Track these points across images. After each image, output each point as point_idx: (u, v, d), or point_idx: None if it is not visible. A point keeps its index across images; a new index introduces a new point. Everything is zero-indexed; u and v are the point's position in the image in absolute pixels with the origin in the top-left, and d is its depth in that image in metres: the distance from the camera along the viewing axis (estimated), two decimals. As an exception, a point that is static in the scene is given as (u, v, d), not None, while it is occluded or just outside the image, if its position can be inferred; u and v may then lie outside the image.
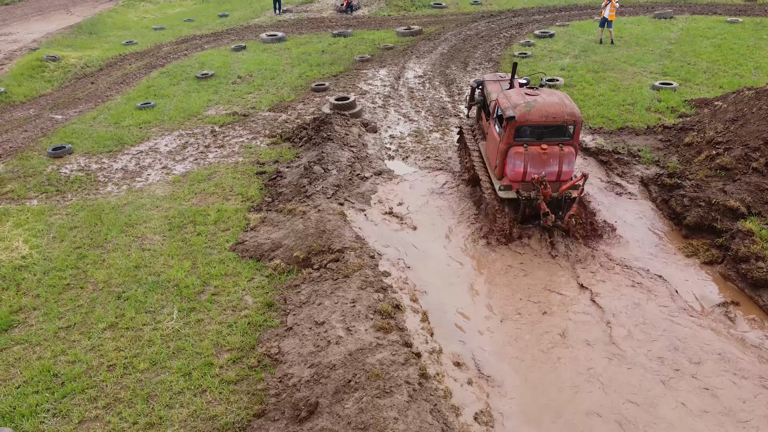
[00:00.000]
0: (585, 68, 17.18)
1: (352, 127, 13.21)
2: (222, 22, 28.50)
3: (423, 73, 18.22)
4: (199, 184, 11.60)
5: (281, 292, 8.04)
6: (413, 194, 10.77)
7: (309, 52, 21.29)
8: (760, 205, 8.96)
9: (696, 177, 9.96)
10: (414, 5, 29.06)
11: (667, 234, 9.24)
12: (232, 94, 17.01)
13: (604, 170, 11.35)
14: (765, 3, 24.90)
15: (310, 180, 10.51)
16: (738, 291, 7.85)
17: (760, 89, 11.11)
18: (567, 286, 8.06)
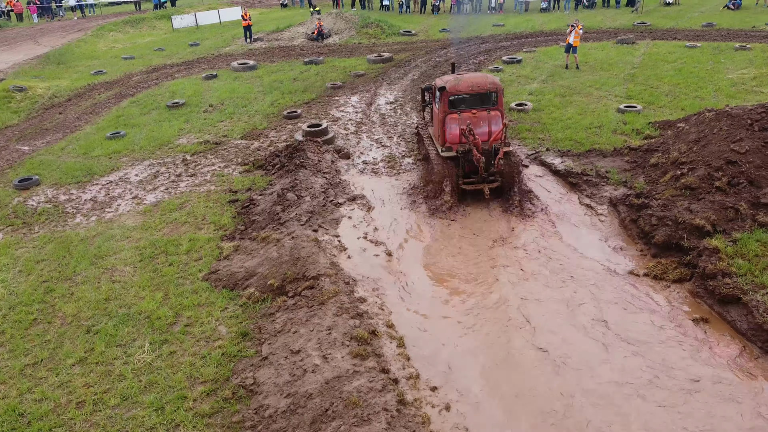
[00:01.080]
0: (552, 92, 17.57)
1: (325, 153, 13.25)
2: (193, 51, 28.54)
3: (394, 99, 18.43)
4: (171, 214, 11.47)
5: (256, 321, 7.94)
6: (386, 217, 10.82)
7: (281, 80, 21.40)
8: (725, 223, 9.19)
9: (663, 196, 10.19)
10: (384, 33, 29.50)
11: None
12: (203, 123, 16.96)
13: (575, 192, 11.55)
14: (722, 28, 25.86)
15: (283, 207, 10.48)
16: (707, 308, 7.99)
17: (719, 111, 11.47)
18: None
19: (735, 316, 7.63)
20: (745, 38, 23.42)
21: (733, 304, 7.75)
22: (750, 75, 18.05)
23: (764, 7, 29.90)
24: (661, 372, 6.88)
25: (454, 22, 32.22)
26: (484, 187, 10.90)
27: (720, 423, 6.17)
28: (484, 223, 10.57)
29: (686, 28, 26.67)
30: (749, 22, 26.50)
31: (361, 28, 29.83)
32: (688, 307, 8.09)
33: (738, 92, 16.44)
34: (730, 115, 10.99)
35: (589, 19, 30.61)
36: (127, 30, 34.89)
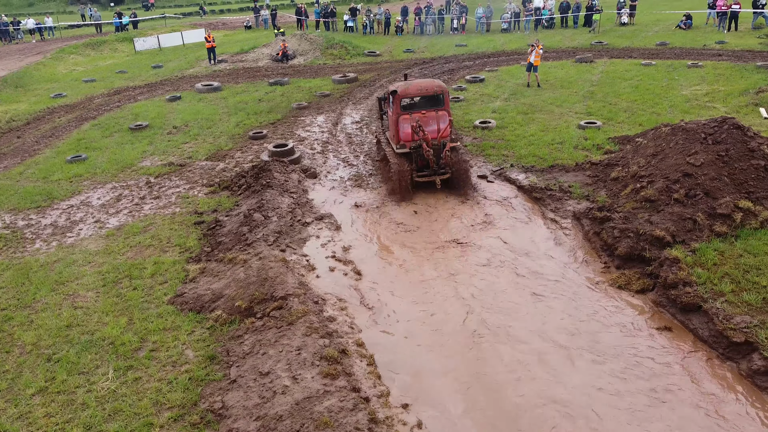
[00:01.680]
0: (515, 110, 17.91)
1: (292, 173, 13.23)
2: (156, 73, 28.27)
3: (360, 119, 18.53)
4: (135, 237, 11.26)
5: (224, 344, 7.82)
6: (354, 235, 10.83)
7: (246, 101, 21.35)
8: (684, 234, 9.45)
9: (624, 209, 10.44)
10: (349, 54, 29.72)
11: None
12: (167, 145, 16.77)
13: (539, 206, 11.75)
14: (675, 47, 26.80)
15: (250, 228, 10.40)
16: (669, 316, 8.18)
17: (675, 126, 11.84)
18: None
19: (696, 324, 7.82)
20: (697, 56, 24.32)
21: (695, 312, 7.95)
22: (703, 91, 18.72)
23: (713, 27, 31.09)
24: (628, 380, 6.99)
25: (418, 43, 32.65)
26: (436, 178, 12.26)
27: (683, 425, 6.29)
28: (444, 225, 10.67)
29: (641, 47, 27.55)
30: (700, 41, 27.53)
31: (325, 49, 30.00)
32: (652, 317, 8.26)
33: (692, 108, 17.02)
34: (685, 130, 11.35)
35: (548, 39, 31.38)
36: (88, 53, 34.40)
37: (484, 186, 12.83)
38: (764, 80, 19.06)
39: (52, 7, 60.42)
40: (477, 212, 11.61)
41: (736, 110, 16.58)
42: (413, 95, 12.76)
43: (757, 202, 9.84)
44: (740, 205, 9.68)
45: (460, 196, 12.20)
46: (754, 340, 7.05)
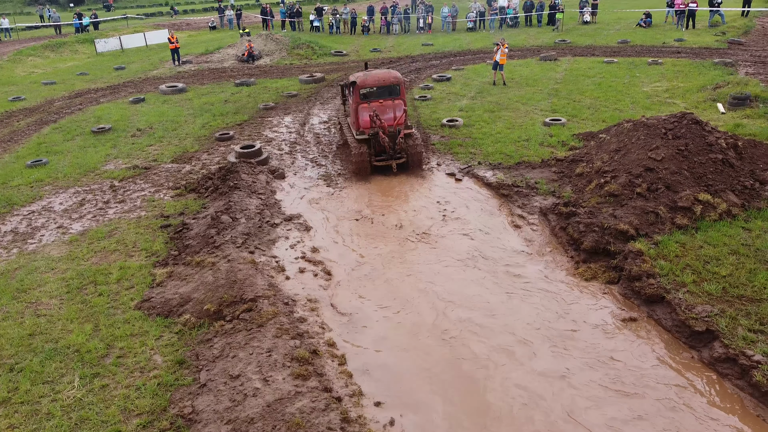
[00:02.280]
0: (482, 108, 18.08)
1: (260, 174, 13.12)
2: (118, 75, 27.76)
3: (328, 119, 18.48)
4: (99, 242, 11.04)
5: (193, 348, 7.72)
6: (323, 234, 10.81)
7: (212, 102, 21.11)
8: (647, 227, 9.66)
9: (589, 204, 10.63)
10: (316, 54, 29.63)
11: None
12: (131, 148, 16.48)
13: (506, 203, 11.88)
14: (636, 45, 27.38)
15: (218, 230, 10.28)
16: (635, 307, 8.37)
17: (636, 121, 12.11)
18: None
19: (660, 315, 8.01)
20: (657, 54, 24.89)
21: (658, 303, 8.14)
22: (663, 87, 19.17)
23: (672, 24, 31.86)
24: (596, 370, 7.12)
25: (384, 43, 32.69)
26: (392, 163, 13.29)
27: (648, 408, 6.44)
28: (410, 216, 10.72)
29: (603, 45, 28.07)
30: (659, 38, 28.18)
31: (292, 49, 29.84)
32: (618, 308, 8.43)
33: (653, 104, 17.41)
34: (646, 125, 11.62)
35: (513, 38, 31.73)
36: (47, 54, 33.53)
37: (450, 181, 12.93)
38: (721, 76, 19.60)
39: (8, 7, 58.78)
40: (442, 206, 11.68)
41: (695, 105, 17.02)
42: (371, 85, 13.72)
43: (715, 194, 10.12)
44: (700, 198, 9.94)
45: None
46: (714, 328, 7.25)
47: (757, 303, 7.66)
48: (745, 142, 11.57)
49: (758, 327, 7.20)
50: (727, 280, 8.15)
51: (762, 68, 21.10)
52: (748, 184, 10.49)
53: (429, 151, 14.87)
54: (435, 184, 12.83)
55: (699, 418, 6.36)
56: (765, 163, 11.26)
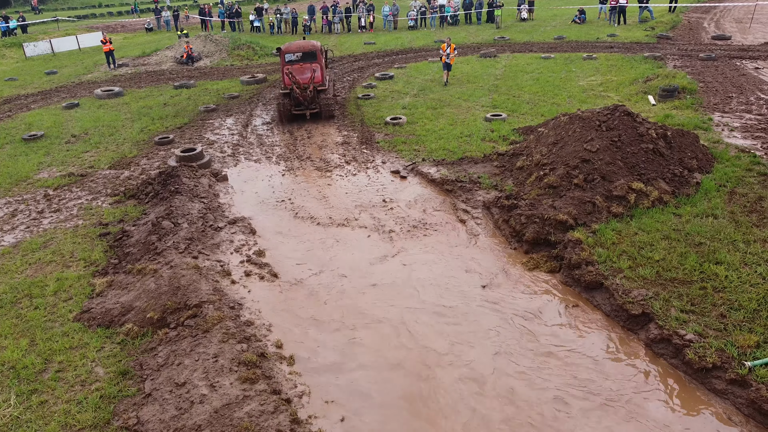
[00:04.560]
0: (424, 105, 18.26)
1: (202, 178, 12.88)
2: (50, 80, 26.74)
3: (271, 119, 18.30)
4: (34, 254, 10.60)
5: (136, 358, 7.52)
6: (268, 236, 10.71)
7: (150, 106, 20.59)
8: (585, 216, 9.98)
9: (530, 196, 10.90)
10: (257, 54, 29.30)
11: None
12: (66, 155, 15.89)
13: (450, 198, 12.04)
14: (571, 40, 28.19)
15: (159, 236, 10.03)
16: (576, 294, 8.63)
17: (572, 115, 12.48)
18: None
19: (600, 300, 8.29)
20: (592, 48, 25.73)
21: (597, 289, 8.43)
22: (597, 81, 19.82)
23: (605, 21, 32.99)
24: (544, 358, 7.32)
25: (326, 42, 32.57)
26: (306, 112, 17.18)
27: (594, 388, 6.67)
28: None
29: (540, 41, 28.82)
30: (593, 34, 29.13)
31: (232, 50, 29.42)
32: (560, 295, 8.69)
33: (588, 97, 17.97)
34: (581, 118, 11.98)
35: (453, 35, 32.15)
36: (-29, 60, 32.00)
37: (395, 179, 13.02)
38: (651, 70, 20.41)
39: (-72, 11, 55.62)
40: (388, 204, 11.76)
41: (627, 98, 17.67)
42: (294, 51, 17.45)
43: (648, 182, 10.55)
44: (633, 187, 10.33)
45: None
46: (650, 311, 7.56)
47: (688, 285, 8.03)
48: (674, 131, 12.07)
49: (689, 308, 7.55)
50: (660, 265, 8.51)
51: (688, 61, 22.10)
52: (678, 172, 10.97)
53: (374, 149, 14.93)
54: (381, 183, 12.86)
55: (643, 399, 6.62)
56: (692, 151, 11.81)
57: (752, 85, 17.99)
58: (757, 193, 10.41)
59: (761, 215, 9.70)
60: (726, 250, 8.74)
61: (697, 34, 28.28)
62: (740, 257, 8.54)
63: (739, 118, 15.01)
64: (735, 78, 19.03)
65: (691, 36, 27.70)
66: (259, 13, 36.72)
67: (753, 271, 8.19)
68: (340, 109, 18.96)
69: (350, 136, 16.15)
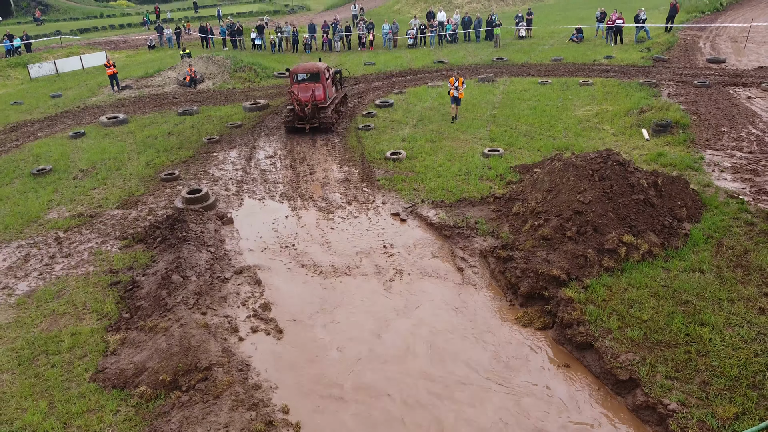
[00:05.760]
0: (423, 138, 18.67)
1: (208, 222, 13.30)
2: (55, 104, 27.14)
3: (273, 153, 18.72)
4: (48, 304, 11.02)
5: (150, 423, 7.93)
6: (273, 289, 11.13)
7: (155, 135, 21.00)
8: (577, 270, 10.40)
9: (525, 247, 11.32)
10: (258, 76, 29.71)
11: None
12: (74, 192, 16.31)
13: (448, 244, 12.46)
14: (568, 62, 28.62)
15: (169, 291, 10.46)
16: (567, 353, 9.06)
17: (566, 161, 12.90)
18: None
19: (590, 361, 8.72)
20: (588, 72, 26.17)
21: (588, 349, 8.85)
22: (593, 111, 20.25)
23: (601, 39, 33.42)
24: (535, 417, 7.74)
25: (327, 61, 32.99)
26: (306, 125, 19.70)
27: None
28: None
29: (538, 62, 29.25)
30: (590, 55, 29.57)
31: (234, 72, 29.83)
32: (552, 354, 9.11)
33: (584, 129, 18.41)
34: (575, 166, 12.41)
35: (452, 54, 32.70)
36: (-24, 81, 32.43)
37: (395, 222, 13.44)
38: (646, 99, 20.85)
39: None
40: (388, 250, 12.18)
41: (622, 131, 18.12)
42: (300, 72, 20.14)
43: (638, 235, 10.97)
44: (624, 240, 10.76)
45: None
46: (636, 377, 7.98)
47: (673, 348, 8.45)
48: (665, 179, 12.50)
49: (674, 374, 7.97)
50: (648, 325, 8.92)
51: (683, 88, 22.54)
52: (667, 223, 11.39)
53: (374, 187, 15.36)
54: (381, 227, 13.29)
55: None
56: (682, 199, 12.24)
57: (744, 118, 18.43)
58: (743, 246, 10.83)
59: (746, 270, 10.12)
60: (711, 309, 9.16)
61: (692, 55, 28.71)
62: (724, 317, 8.97)
63: (729, 156, 15.44)
64: (727, 109, 19.47)
65: (686, 58, 28.13)
66: (261, 31, 37.14)
67: (736, 333, 8.62)
68: (342, 140, 19.40)
69: (351, 172, 16.57)
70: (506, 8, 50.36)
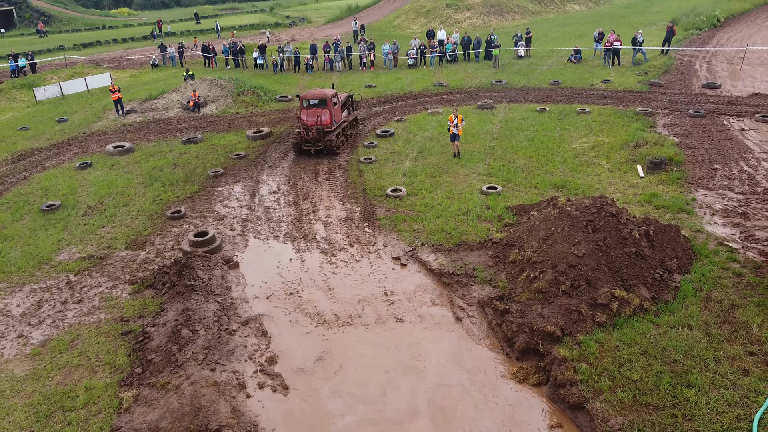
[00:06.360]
0: (424, 173, 19.11)
1: (215, 269, 13.74)
2: (62, 129, 27.62)
3: (277, 188, 19.15)
4: (62, 356, 11.46)
5: (164, 486, 8.38)
6: (278, 342, 11.57)
7: (160, 167, 21.45)
8: (571, 325, 10.84)
9: (521, 299, 11.76)
10: (261, 100, 30.15)
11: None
12: (84, 230, 16.75)
13: (447, 291, 12.90)
14: (566, 87, 29.08)
15: (179, 346, 10.90)
16: (561, 412, 9.49)
17: (561, 209, 13.32)
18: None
19: (582, 422, 9.15)
20: (586, 98, 26.63)
21: (580, 410, 9.29)
22: (589, 144, 20.68)
23: (600, 59, 33.87)
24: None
25: (328, 83, 33.46)
26: (311, 148, 21.37)
27: None
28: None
29: (536, 86, 29.70)
30: (588, 78, 30.03)
31: (237, 95, 30.28)
32: (547, 412, 9.55)
33: (580, 165, 18.85)
34: (570, 216, 12.83)
35: (452, 76, 33.14)
36: (-17, 103, 32.91)
37: (396, 267, 13.88)
38: (642, 130, 21.32)
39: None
40: (389, 297, 12.63)
41: (618, 166, 18.56)
42: (308, 98, 21.73)
43: (629, 289, 11.42)
44: (616, 295, 11.19)
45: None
46: (625, 442, 8.43)
47: (661, 411, 8.88)
48: (657, 228, 12.94)
49: (660, 440, 8.42)
50: (638, 386, 9.36)
51: (678, 118, 23.00)
52: (658, 276, 11.83)
53: (375, 228, 15.80)
54: (383, 273, 13.72)
55: None
56: (673, 249, 12.68)
57: (737, 153, 18.86)
58: (730, 299, 11.28)
59: (732, 327, 10.56)
60: (698, 369, 9.60)
61: (688, 79, 29.14)
62: (710, 378, 9.41)
63: (721, 197, 15.87)
64: (721, 142, 19.91)
65: (682, 83, 28.57)
66: (263, 50, 37.61)
67: (720, 395, 9.06)
68: (344, 174, 19.85)
69: (353, 210, 17.01)
70: (506, 23, 50.82)
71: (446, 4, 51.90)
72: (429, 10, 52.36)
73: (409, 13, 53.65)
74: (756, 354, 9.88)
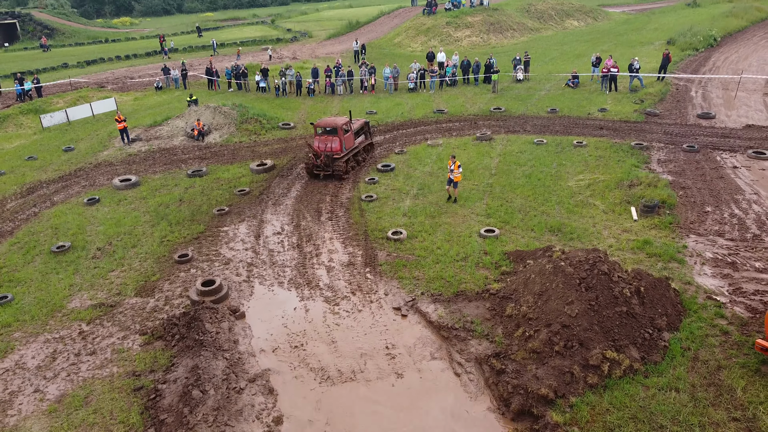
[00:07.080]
0: (423, 213, 19.63)
1: (222, 321, 14.26)
2: (68, 159, 28.15)
3: (281, 228, 19.67)
4: (77, 413, 11.97)
5: None
6: (284, 399, 12.10)
7: (167, 203, 21.98)
8: (564, 387, 11.36)
9: (516, 358, 12.27)
10: (264, 128, 30.70)
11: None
12: (94, 274, 17.28)
13: (446, 345, 13.42)
14: (563, 115, 29.61)
15: (190, 408, 11.41)
16: (553, 477, 10.02)
17: (557, 265, 13.85)
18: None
19: (573, 490, 9.68)
20: (582, 129, 27.17)
21: (571, 478, 9.81)
22: (585, 182, 21.21)
23: (597, 83, 34.42)
24: None
25: (330, 107, 34.00)
26: (321, 172, 23.35)
27: None
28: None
29: (534, 114, 30.25)
30: (585, 106, 30.57)
31: (240, 123, 30.81)
32: (540, 477, 10.07)
33: (576, 206, 19.37)
34: (564, 273, 13.36)
35: (452, 102, 33.69)
36: (-9, 129, 33.46)
37: (396, 318, 14.41)
38: (636, 167, 21.84)
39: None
40: (390, 351, 13.15)
41: (612, 208, 19.09)
42: (321, 126, 23.67)
43: (620, 350, 11.94)
44: (607, 356, 11.71)
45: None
46: None
47: (647, 481, 9.41)
48: (648, 283, 13.46)
49: None
50: (626, 454, 9.89)
51: (672, 152, 23.53)
52: (647, 335, 12.35)
53: (377, 274, 16.32)
54: (384, 325, 14.24)
55: None
56: (663, 306, 13.20)
57: (728, 194, 19.39)
58: (717, 361, 11.80)
59: (718, 390, 11.08)
60: (683, 436, 10.12)
61: (683, 108, 29.66)
62: (695, 446, 9.93)
63: (711, 244, 16.39)
64: (713, 182, 20.44)
65: (678, 111, 29.09)
66: (265, 74, 38.17)
67: (704, 465, 9.58)
68: (346, 213, 20.37)
69: (355, 254, 17.53)
70: (505, 41, 51.37)
71: (446, 22, 52.46)
72: (429, 27, 52.91)
73: (409, 31, 54.20)
74: (739, 420, 10.40)
